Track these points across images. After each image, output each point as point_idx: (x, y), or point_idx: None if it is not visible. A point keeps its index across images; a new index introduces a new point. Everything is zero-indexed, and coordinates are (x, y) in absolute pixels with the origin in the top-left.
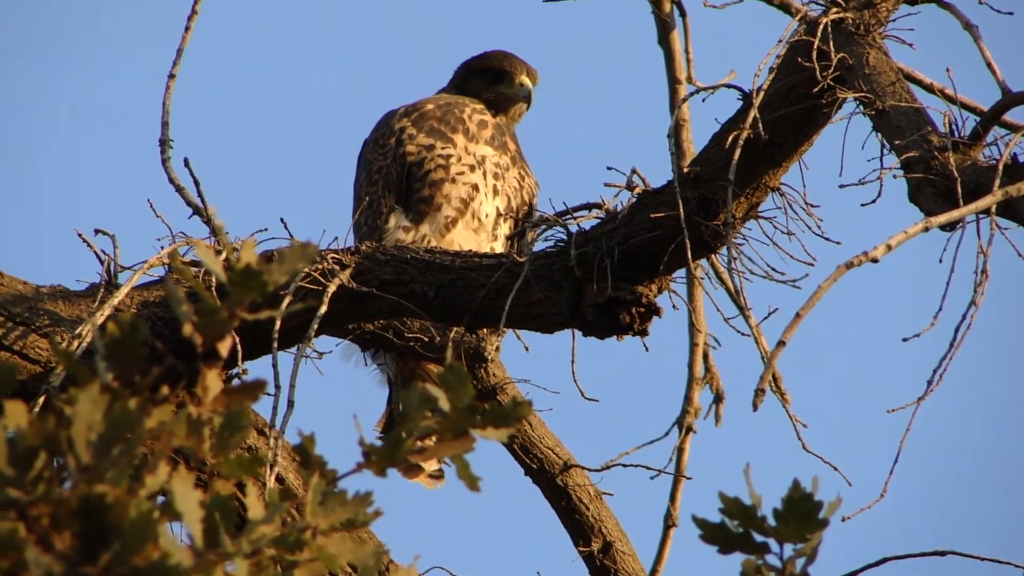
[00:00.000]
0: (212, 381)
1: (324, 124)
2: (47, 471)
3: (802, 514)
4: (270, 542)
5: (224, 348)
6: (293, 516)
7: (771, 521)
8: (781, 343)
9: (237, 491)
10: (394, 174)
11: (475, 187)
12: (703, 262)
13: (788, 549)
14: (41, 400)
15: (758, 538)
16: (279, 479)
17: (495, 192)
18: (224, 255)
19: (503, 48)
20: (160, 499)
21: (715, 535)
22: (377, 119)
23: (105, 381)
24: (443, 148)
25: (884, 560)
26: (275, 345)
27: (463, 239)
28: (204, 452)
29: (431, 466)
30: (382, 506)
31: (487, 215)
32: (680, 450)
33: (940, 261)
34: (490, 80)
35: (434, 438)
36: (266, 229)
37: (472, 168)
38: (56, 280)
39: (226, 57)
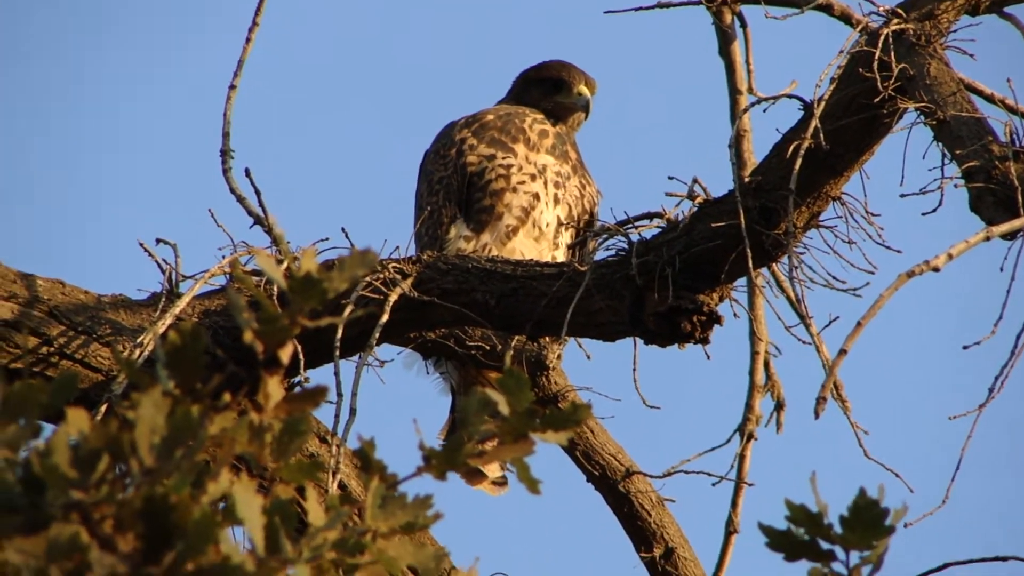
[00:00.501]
0: (273, 388)
1: (386, 135)
2: (110, 474)
3: (868, 521)
4: (331, 546)
5: (285, 355)
6: (354, 520)
7: (837, 528)
8: (843, 352)
9: (297, 496)
10: (455, 184)
11: (536, 196)
12: (764, 271)
13: (854, 557)
14: (103, 408)
15: (824, 545)
16: (341, 486)
17: (556, 201)
18: (285, 264)
19: (562, 58)
20: (221, 505)
21: (781, 542)
22: (438, 130)
23: (167, 389)
24: (504, 158)
25: (946, 565)
26: (337, 353)
27: (524, 248)
28: (264, 457)
29: (494, 472)
30: (442, 510)
31: (548, 224)
32: (741, 457)
33: (1001, 269)
34: (548, 90)
35: (494, 442)
36: (327, 239)
37: (533, 177)
38: (118, 289)
39: (288, 66)
